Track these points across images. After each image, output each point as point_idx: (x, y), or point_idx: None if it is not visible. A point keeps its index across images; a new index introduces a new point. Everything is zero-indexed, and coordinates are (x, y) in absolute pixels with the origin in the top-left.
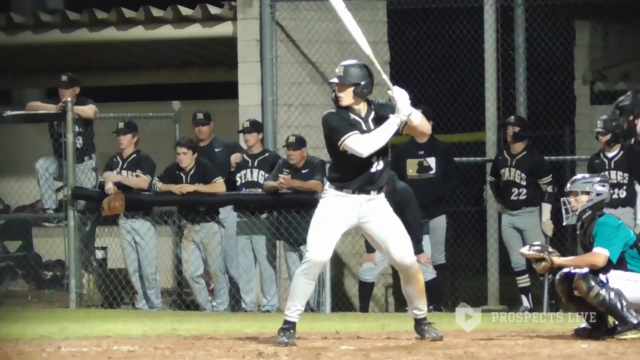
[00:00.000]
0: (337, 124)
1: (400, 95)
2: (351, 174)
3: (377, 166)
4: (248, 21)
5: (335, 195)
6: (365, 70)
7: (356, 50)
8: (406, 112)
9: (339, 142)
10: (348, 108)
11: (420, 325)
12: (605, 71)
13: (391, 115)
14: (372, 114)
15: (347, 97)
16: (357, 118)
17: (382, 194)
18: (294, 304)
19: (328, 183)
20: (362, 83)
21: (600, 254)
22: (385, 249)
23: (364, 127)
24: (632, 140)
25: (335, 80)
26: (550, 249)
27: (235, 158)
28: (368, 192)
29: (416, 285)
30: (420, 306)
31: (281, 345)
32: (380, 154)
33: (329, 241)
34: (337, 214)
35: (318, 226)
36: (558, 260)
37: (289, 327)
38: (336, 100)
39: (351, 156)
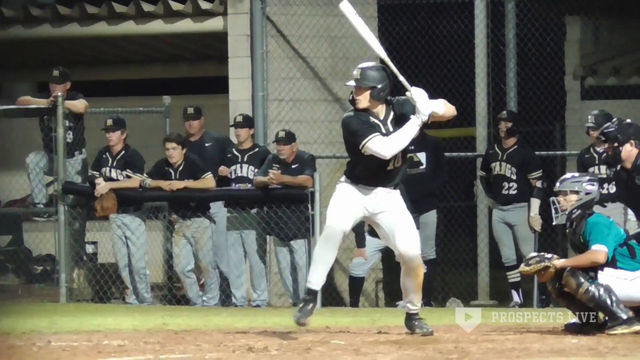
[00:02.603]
0: (357, 127)
1: (418, 96)
2: (369, 172)
3: (395, 164)
4: (238, 16)
5: (349, 186)
6: (383, 73)
7: (347, 45)
8: (426, 112)
9: (361, 145)
10: (366, 110)
11: (411, 320)
12: (596, 66)
13: (412, 117)
14: (391, 115)
15: (364, 100)
16: (375, 120)
17: (398, 190)
18: (315, 270)
19: (344, 177)
20: (379, 86)
21: (600, 250)
22: (392, 240)
23: (383, 130)
24: (619, 166)
25: (352, 82)
26: (548, 255)
27: (222, 171)
28: (384, 187)
29: (415, 279)
30: (414, 301)
31: (295, 321)
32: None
33: (348, 214)
34: (354, 197)
35: (337, 202)
36: (560, 263)
37: (310, 298)
38: (353, 102)
39: (370, 156)
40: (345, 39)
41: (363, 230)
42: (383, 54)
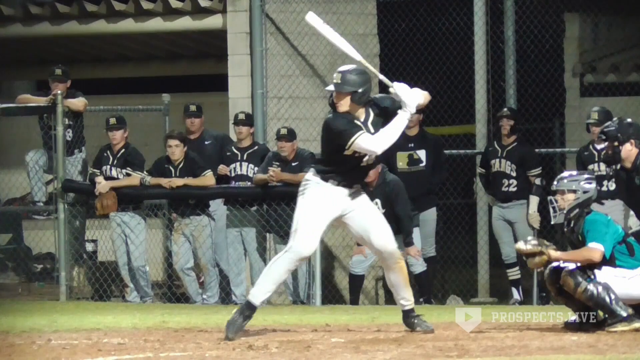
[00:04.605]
0: (344, 127)
1: (402, 91)
2: (343, 169)
3: (368, 161)
4: (238, 14)
5: (317, 184)
6: (364, 76)
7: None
8: (413, 104)
9: (349, 143)
10: (347, 112)
11: (409, 317)
12: (595, 63)
13: (399, 111)
14: (371, 117)
15: (344, 105)
16: (357, 122)
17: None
18: (264, 286)
19: (312, 172)
20: (360, 90)
21: (596, 248)
22: (367, 238)
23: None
24: (618, 165)
25: (331, 87)
26: (547, 243)
27: (221, 170)
28: (351, 186)
29: (400, 274)
30: (406, 296)
31: (224, 334)
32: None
33: (315, 234)
34: (322, 205)
35: (303, 218)
36: (555, 254)
37: (248, 313)
38: (334, 105)
39: (349, 156)
40: (344, 36)
41: None
42: (358, 57)
